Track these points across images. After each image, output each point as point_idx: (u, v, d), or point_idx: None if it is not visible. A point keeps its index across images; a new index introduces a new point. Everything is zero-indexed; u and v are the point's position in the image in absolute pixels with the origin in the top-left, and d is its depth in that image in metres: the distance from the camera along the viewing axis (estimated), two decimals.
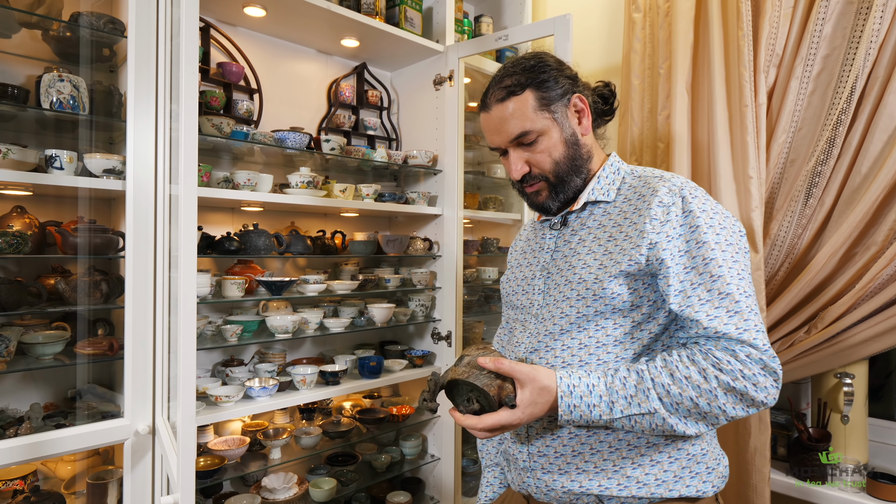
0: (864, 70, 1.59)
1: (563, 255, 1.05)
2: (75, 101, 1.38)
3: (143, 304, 1.40)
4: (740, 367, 0.85)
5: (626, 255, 0.94)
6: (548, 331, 1.01)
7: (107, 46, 1.55)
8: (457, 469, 2.19)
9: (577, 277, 0.99)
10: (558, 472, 0.97)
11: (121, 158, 1.43)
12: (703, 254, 0.91)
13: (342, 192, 1.97)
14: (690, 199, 0.95)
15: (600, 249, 0.99)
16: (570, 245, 1.05)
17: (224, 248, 1.71)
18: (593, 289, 0.96)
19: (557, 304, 1.01)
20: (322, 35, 2.07)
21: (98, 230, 1.44)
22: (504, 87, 1.02)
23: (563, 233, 1.09)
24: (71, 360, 1.43)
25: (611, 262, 0.96)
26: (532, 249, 1.16)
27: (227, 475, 1.70)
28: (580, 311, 0.97)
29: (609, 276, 0.94)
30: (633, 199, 1.01)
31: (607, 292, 0.94)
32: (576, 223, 1.07)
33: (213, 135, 1.65)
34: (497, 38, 2.01)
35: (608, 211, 1.03)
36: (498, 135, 1.04)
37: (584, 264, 0.99)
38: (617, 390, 0.89)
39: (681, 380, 0.87)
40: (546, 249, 1.10)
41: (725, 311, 0.88)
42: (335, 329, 1.94)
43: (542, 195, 1.06)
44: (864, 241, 1.63)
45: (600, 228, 1.02)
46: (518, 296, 1.13)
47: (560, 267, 1.04)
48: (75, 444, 1.30)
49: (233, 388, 1.67)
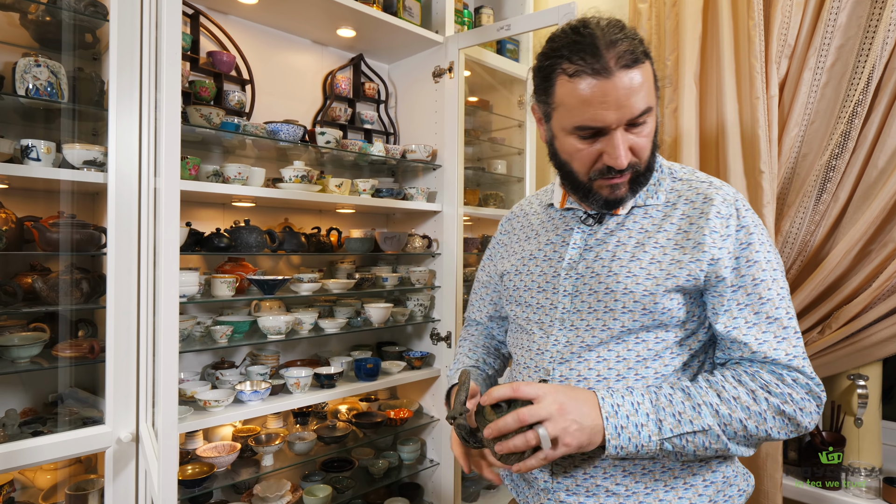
0: (880, 60, 1.53)
1: (598, 256, 0.94)
2: (53, 87, 1.30)
3: (125, 303, 1.32)
4: (789, 391, 0.82)
5: (684, 270, 0.87)
6: (583, 342, 0.92)
7: (89, 31, 1.47)
8: (457, 474, 2.12)
9: (621, 287, 0.89)
10: (585, 494, 0.90)
11: (102, 150, 1.35)
12: (752, 273, 0.87)
13: (338, 187, 1.89)
14: (744, 211, 0.90)
15: (647, 258, 0.90)
16: (605, 246, 0.95)
17: (213, 245, 1.63)
18: (643, 302, 0.88)
19: (596, 313, 0.91)
20: (317, 24, 1.99)
21: (78, 225, 1.36)
22: (629, 53, 0.82)
23: (594, 230, 0.98)
24: (50, 363, 1.35)
25: (664, 275, 0.88)
26: (549, 241, 1.03)
27: (217, 483, 1.62)
28: (624, 325, 0.89)
29: (663, 290, 0.87)
30: (681, 205, 0.93)
31: (658, 307, 0.87)
32: (611, 221, 0.97)
33: (202, 125, 1.57)
34: (499, 28, 1.94)
35: (650, 214, 0.95)
36: (618, 109, 0.83)
37: (629, 273, 0.90)
38: (663, 407, 0.82)
39: (729, 400, 0.82)
40: (573, 245, 0.98)
41: (773, 335, 0.85)
42: (330, 330, 1.87)
43: (623, 189, 0.91)
44: (881, 238, 1.57)
45: (643, 234, 0.93)
46: (533, 293, 1.01)
47: (595, 270, 0.93)
48: (52, 454, 1.23)
49: (222, 392, 1.59)
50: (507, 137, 2.56)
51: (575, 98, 0.84)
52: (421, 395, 2.26)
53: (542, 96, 0.91)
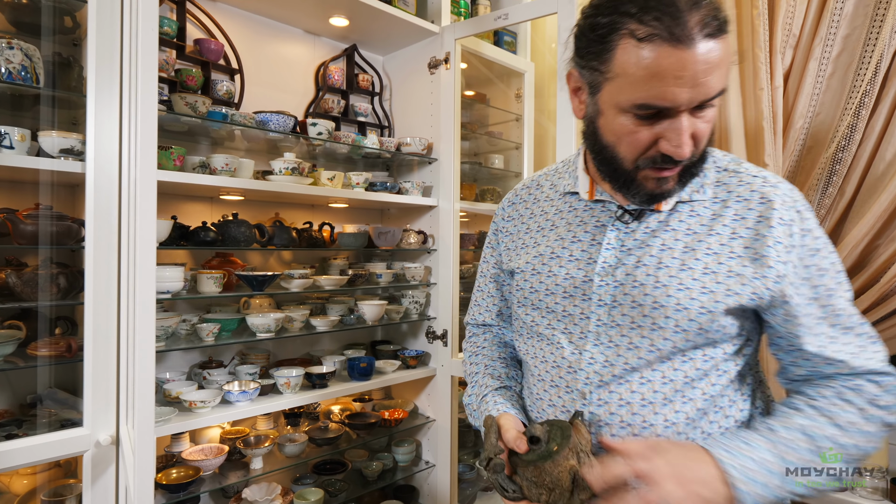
0: (888, 50, 1.49)
1: (640, 262, 0.80)
2: (27, 71, 1.23)
3: (105, 300, 1.26)
4: (891, 400, 0.77)
5: (748, 287, 0.76)
6: (626, 362, 0.79)
7: (68, 14, 1.40)
8: (453, 476, 2.06)
9: (672, 302, 0.77)
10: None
11: (80, 138, 1.28)
12: (825, 283, 0.79)
13: (330, 181, 1.83)
14: (806, 213, 0.80)
15: (699, 266, 0.77)
16: (648, 250, 0.80)
17: (200, 238, 1.57)
18: (700, 321, 0.76)
19: (640, 329, 0.79)
20: (309, 12, 1.93)
21: (56, 217, 1.29)
22: (713, 19, 0.66)
23: (632, 229, 0.82)
24: (26, 362, 1.29)
25: (723, 290, 0.76)
26: (576, 238, 0.87)
27: (204, 487, 1.56)
28: (676, 345, 0.78)
29: (723, 309, 0.76)
30: (733, 203, 0.80)
31: (714, 326, 0.77)
32: (651, 219, 0.82)
33: (187, 114, 1.51)
34: (496, 18, 1.89)
35: (697, 212, 0.81)
36: (693, 87, 0.67)
37: (681, 285, 0.77)
38: (789, 458, 0.73)
39: (846, 428, 0.75)
40: (608, 245, 0.83)
41: (859, 346, 0.79)
42: (322, 328, 1.80)
43: (672, 182, 0.77)
44: (889, 233, 1.53)
45: (692, 236, 0.79)
46: (558, 298, 0.86)
47: (638, 279, 0.79)
48: (27, 458, 1.16)
49: (209, 393, 1.53)
50: (504, 132, 2.51)
51: (643, 69, 0.67)
52: (416, 394, 2.20)
53: (591, 61, 0.73)
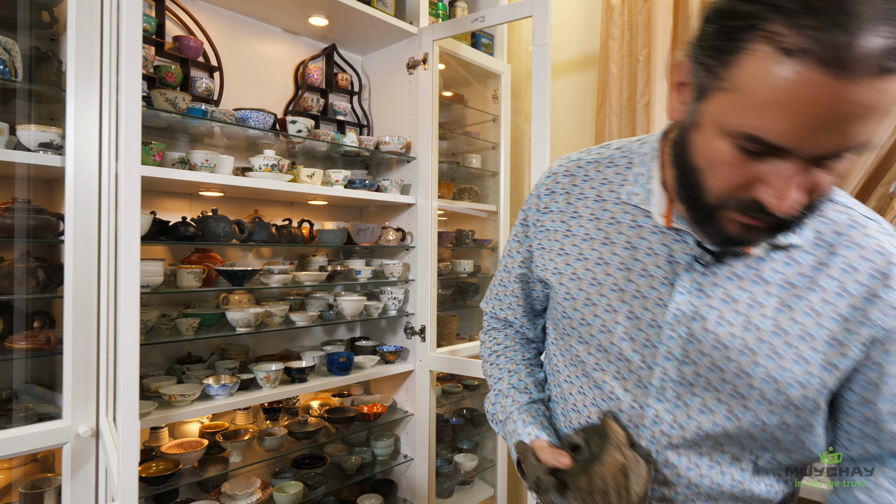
0: None
1: (723, 317, 0.66)
2: (6, 65, 1.23)
3: (84, 293, 1.26)
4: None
5: (848, 359, 0.64)
6: (701, 428, 0.68)
7: (46, 9, 1.40)
8: (431, 469, 2.10)
9: (760, 372, 0.65)
10: None
11: (59, 132, 1.29)
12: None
13: (310, 178, 1.86)
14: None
15: (795, 330, 0.64)
16: (734, 305, 0.66)
17: (179, 233, 1.58)
18: (788, 394, 0.65)
19: (718, 394, 0.67)
20: (288, 11, 1.95)
21: (34, 211, 1.29)
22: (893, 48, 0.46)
23: (712, 271, 0.67)
24: (3, 355, 1.29)
25: (820, 360, 0.64)
26: (643, 269, 0.71)
27: (183, 480, 1.57)
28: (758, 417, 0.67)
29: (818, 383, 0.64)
30: (843, 250, 0.65)
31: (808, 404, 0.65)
32: (738, 263, 0.67)
33: (167, 110, 1.52)
34: (473, 20, 1.93)
35: (795, 259, 0.66)
36: (830, 133, 0.49)
37: (773, 353, 0.64)
38: None
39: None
40: (681, 290, 0.68)
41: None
42: (301, 322, 1.83)
43: (762, 234, 0.60)
44: None
45: (787, 290, 0.65)
46: (616, 339, 0.72)
47: (720, 339, 0.66)
48: (6, 450, 1.16)
49: (188, 387, 1.54)
50: (481, 132, 2.56)
51: (773, 90, 0.48)
52: (395, 390, 2.23)
53: (709, 59, 0.54)
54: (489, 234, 2.56)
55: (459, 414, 2.54)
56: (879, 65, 0.45)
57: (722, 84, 0.53)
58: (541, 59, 1.70)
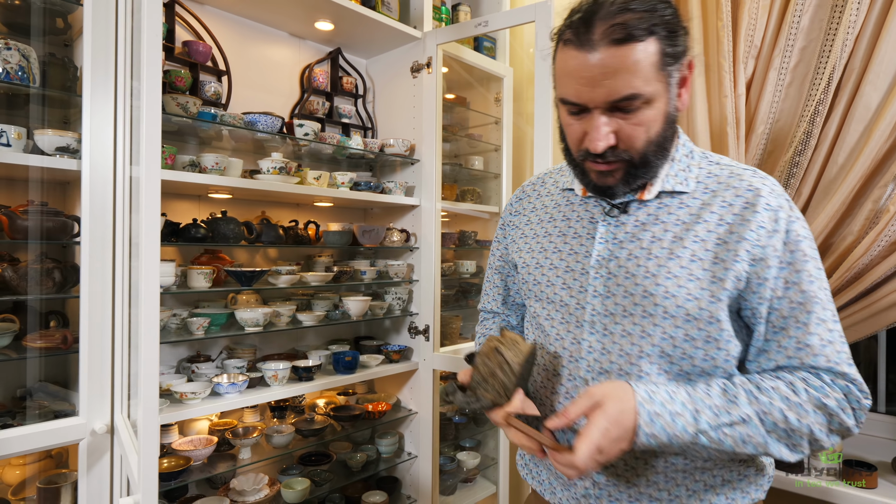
0: (840, 61, 1.61)
1: (631, 254, 0.85)
2: (24, 71, 1.27)
3: (100, 294, 1.30)
4: (829, 389, 0.77)
5: (730, 272, 0.79)
6: (621, 349, 0.84)
7: (60, 16, 1.44)
8: (434, 467, 2.13)
9: (661, 291, 0.81)
10: (628, 500, 0.87)
11: (76, 136, 1.32)
12: (808, 269, 0.79)
13: (316, 180, 1.89)
14: (793, 205, 0.83)
15: (686, 254, 0.81)
16: (639, 243, 0.85)
17: (190, 235, 1.61)
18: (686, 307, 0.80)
19: (632, 317, 0.83)
20: (294, 16, 1.98)
21: (50, 213, 1.33)
22: (623, 26, 0.72)
23: (622, 221, 0.87)
24: (20, 354, 1.32)
25: (709, 276, 0.80)
26: (574, 232, 0.93)
27: (193, 477, 1.60)
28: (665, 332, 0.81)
29: (709, 296, 0.79)
30: (721, 192, 0.83)
31: (705, 314, 0.80)
32: (640, 212, 0.86)
33: (178, 114, 1.55)
34: (476, 25, 1.97)
35: (686, 203, 0.85)
36: (594, 88, 0.75)
37: (669, 273, 0.81)
38: (701, 398, 0.76)
39: (767, 390, 0.77)
40: (600, 239, 0.88)
41: (819, 338, 0.78)
42: (308, 322, 1.86)
43: (615, 177, 0.82)
44: (841, 231, 1.65)
45: (681, 226, 0.83)
46: (557, 289, 0.91)
47: (630, 271, 0.84)
48: (25, 445, 1.20)
49: (199, 385, 1.57)
50: (483, 134, 2.59)
51: (561, 68, 0.79)
52: (399, 388, 2.27)
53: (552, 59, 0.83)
54: (491, 234, 2.59)
55: (462, 412, 2.57)
56: (607, 39, 0.73)
57: (553, 72, 0.82)
58: (544, 64, 1.73)
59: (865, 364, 1.89)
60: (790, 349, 0.79)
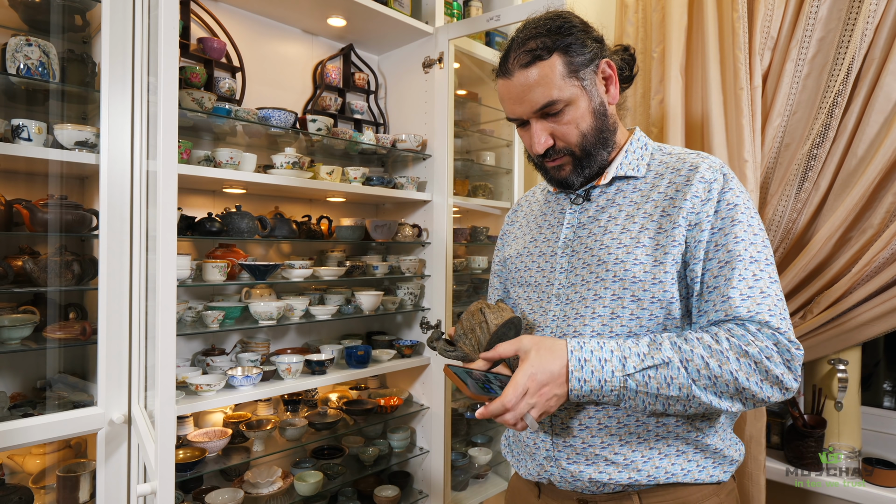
0: (860, 52, 1.58)
1: (591, 232, 0.99)
2: (45, 67, 1.29)
3: (118, 286, 1.32)
4: (752, 337, 0.82)
5: (669, 238, 0.90)
6: (577, 313, 0.96)
7: (79, 13, 1.46)
8: (446, 462, 2.13)
9: (612, 258, 0.93)
10: (585, 462, 0.95)
11: (94, 130, 1.34)
12: (735, 232, 0.88)
13: (329, 175, 1.90)
14: (730, 178, 0.92)
15: (636, 227, 0.94)
16: (598, 222, 0.99)
17: (205, 229, 1.63)
18: (633, 271, 0.91)
19: (587, 284, 0.95)
20: (307, 13, 1.99)
21: (69, 206, 1.35)
22: (528, 51, 0.92)
23: (585, 208, 1.03)
24: (40, 345, 1.34)
25: (653, 244, 0.91)
26: (548, 224, 1.09)
27: (208, 468, 1.62)
28: (615, 294, 0.92)
29: (653, 261, 0.90)
30: (668, 175, 0.96)
31: (649, 277, 0.90)
32: (601, 199, 1.01)
33: (194, 109, 1.57)
34: (489, 19, 1.96)
35: (639, 187, 0.98)
36: (520, 104, 0.95)
37: (620, 243, 0.94)
38: (629, 347, 0.85)
39: (692, 340, 0.84)
40: (567, 225, 1.03)
41: (740, 293, 0.85)
42: (321, 316, 1.87)
43: (566, 170, 0.99)
44: (860, 225, 1.62)
45: (633, 206, 0.97)
46: (532, 272, 1.06)
47: (589, 245, 0.98)
48: (45, 434, 1.22)
49: (214, 377, 1.59)
50: (495, 129, 2.59)
51: (499, 95, 0.99)
52: (411, 383, 2.27)
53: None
54: (511, 211, 2.58)
55: (474, 408, 2.57)
56: (518, 64, 0.94)
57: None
58: None
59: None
60: (717, 303, 0.86)
